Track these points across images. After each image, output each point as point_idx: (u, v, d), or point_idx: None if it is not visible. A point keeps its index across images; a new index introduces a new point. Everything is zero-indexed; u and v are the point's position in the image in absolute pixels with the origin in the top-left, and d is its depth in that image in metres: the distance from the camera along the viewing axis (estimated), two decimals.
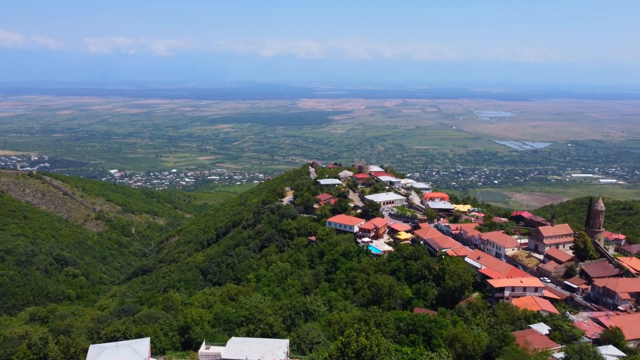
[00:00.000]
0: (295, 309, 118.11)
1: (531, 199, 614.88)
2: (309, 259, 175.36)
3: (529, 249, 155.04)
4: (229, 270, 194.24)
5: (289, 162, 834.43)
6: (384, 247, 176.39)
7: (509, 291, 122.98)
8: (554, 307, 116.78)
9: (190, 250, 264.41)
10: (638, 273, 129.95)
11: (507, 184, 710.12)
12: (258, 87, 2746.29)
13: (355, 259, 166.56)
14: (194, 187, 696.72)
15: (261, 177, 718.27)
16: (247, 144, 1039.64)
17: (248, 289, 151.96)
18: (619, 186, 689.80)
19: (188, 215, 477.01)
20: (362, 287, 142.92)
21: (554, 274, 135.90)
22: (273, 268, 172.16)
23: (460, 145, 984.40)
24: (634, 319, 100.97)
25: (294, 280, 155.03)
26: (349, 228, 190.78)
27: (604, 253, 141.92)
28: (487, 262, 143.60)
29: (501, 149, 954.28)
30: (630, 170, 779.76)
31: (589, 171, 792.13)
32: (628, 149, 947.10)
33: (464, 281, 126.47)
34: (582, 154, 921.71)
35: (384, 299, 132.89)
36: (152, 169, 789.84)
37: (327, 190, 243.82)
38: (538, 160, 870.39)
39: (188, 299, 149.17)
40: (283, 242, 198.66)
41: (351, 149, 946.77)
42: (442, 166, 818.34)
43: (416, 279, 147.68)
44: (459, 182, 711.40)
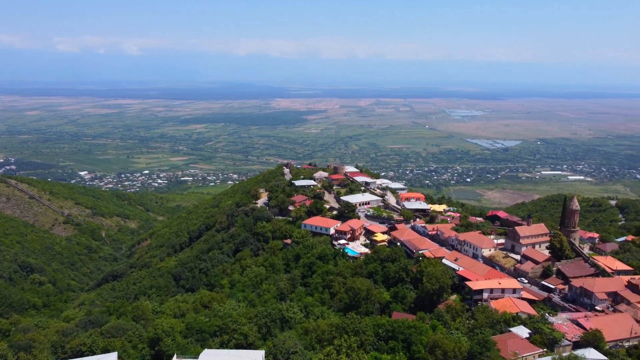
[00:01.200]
0: (270, 317, 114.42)
1: (503, 197, 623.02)
2: (284, 263, 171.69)
3: (506, 250, 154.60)
4: (202, 276, 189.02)
5: (263, 162, 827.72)
6: (360, 249, 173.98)
7: (488, 293, 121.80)
8: (532, 308, 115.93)
9: (162, 254, 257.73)
10: (614, 272, 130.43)
11: (479, 182, 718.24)
12: (232, 86, 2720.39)
13: (332, 262, 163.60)
14: (166, 189, 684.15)
15: (235, 178, 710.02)
16: (221, 144, 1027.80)
17: (222, 295, 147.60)
18: (587, 183, 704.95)
19: (160, 217, 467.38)
20: (339, 291, 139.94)
21: (531, 274, 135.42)
22: (247, 273, 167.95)
23: (433, 144, 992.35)
24: (612, 319, 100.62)
25: (269, 286, 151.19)
26: (325, 230, 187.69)
27: (580, 252, 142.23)
28: (465, 263, 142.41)
29: (473, 148, 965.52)
30: (597, 167, 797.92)
31: (558, 168, 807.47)
32: (595, 147, 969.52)
33: (442, 284, 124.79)
34: (551, 151, 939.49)
35: (362, 303, 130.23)
36: (124, 171, 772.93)
37: (302, 191, 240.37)
38: (509, 158, 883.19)
39: (159, 307, 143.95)
40: (258, 245, 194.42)
41: (325, 149, 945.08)
42: (415, 165, 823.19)
43: (394, 281, 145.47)
44: (432, 180, 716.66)
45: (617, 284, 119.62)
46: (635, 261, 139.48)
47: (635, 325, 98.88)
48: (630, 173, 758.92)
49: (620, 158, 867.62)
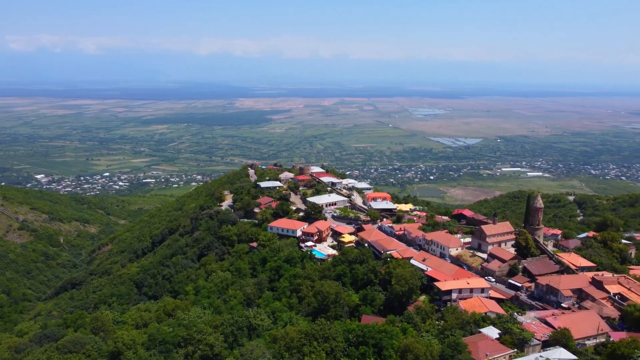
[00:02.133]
0: (237, 325, 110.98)
1: (465, 194, 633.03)
2: (250, 267, 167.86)
3: (473, 248, 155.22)
4: (165, 283, 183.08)
5: (227, 163, 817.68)
6: (328, 251, 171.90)
7: (457, 293, 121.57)
8: (500, 307, 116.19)
9: (124, 260, 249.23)
10: (578, 269, 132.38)
11: (442, 180, 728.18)
12: (194, 86, 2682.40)
13: (299, 265, 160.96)
14: (128, 191, 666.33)
15: (199, 179, 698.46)
16: (184, 145, 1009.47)
17: (186, 302, 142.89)
18: (545, 179, 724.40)
19: (122, 221, 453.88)
20: (307, 295, 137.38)
21: (498, 272, 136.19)
22: (213, 278, 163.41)
23: (396, 142, 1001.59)
24: (579, 317, 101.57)
25: (236, 291, 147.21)
26: (291, 232, 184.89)
27: (545, 250, 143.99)
28: (433, 263, 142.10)
29: (436, 146, 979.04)
30: (554, 164, 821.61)
31: (518, 165, 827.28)
32: (552, 144, 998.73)
33: (411, 285, 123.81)
34: (511, 148, 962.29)
35: (331, 307, 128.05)
36: (83, 173, 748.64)
37: (267, 193, 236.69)
38: (470, 156, 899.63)
39: (120, 317, 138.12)
40: (223, 249, 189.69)
41: (290, 148, 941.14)
42: (380, 163, 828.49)
43: (362, 283, 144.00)
44: (396, 178, 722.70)
45: (582, 281, 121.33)
46: (598, 257, 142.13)
47: (601, 322, 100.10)
48: (585, 169, 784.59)
49: (576, 154, 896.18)
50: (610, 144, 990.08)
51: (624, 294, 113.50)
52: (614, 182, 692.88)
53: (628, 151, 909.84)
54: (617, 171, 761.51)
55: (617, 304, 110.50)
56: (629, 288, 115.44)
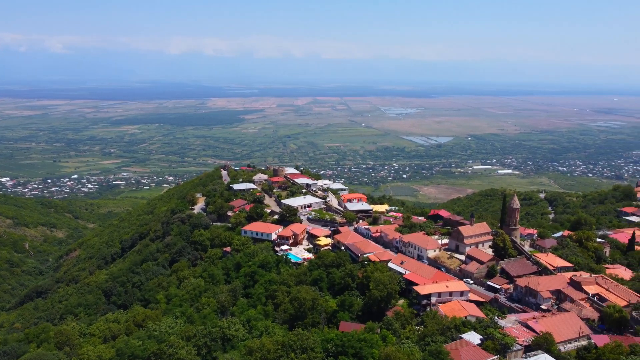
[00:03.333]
0: (210, 336, 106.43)
1: (438, 192, 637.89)
2: (224, 273, 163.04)
3: (450, 250, 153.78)
4: (135, 291, 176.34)
5: (200, 164, 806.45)
6: (303, 255, 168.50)
7: (436, 297, 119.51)
8: (480, 311, 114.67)
9: (92, 267, 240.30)
10: (555, 269, 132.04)
11: (415, 178, 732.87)
12: (165, 86, 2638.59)
13: (275, 270, 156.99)
14: (97, 194, 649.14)
15: (171, 180, 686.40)
16: (155, 145, 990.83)
17: (157, 312, 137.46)
18: (515, 176, 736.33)
19: (91, 225, 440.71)
20: (283, 302, 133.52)
21: (476, 274, 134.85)
22: (185, 285, 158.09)
23: (370, 141, 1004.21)
24: (560, 320, 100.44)
25: (209, 299, 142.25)
26: (266, 236, 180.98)
27: (522, 250, 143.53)
28: (411, 266, 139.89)
29: (408, 144, 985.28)
30: (523, 161, 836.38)
31: (488, 163, 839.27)
32: (521, 141, 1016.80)
33: (390, 290, 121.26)
34: (481, 147, 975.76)
35: (307, 313, 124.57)
36: (50, 176, 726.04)
37: (241, 195, 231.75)
38: (442, 154, 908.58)
39: (87, 329, 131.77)
40: (195, 255, 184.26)
41: (264, 148, 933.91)
42: (353, 163, 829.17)
43: (339, 288, 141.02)
44: (370, 177, 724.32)
45: (560, 282, 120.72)
46: (574, 257, 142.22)
47: (582, 324, 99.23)
48: (553, 166, 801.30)
49: (544, 152, 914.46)
50: (577, 141, 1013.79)
51: (602, 295, 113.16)
52: (580, 179, 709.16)
53: (593, 148, 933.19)
54: (583, 168, 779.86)
55: (596, 304, 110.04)
56: (606, 288, 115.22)
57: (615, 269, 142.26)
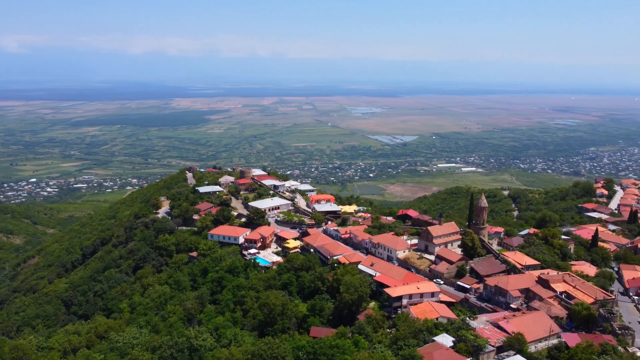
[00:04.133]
0: (177, 347, 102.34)
1: (404, 190, 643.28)
2: (191, 279, 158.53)
3: (420, 250, 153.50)
4: (97, 300, 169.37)
5: (164, 165, 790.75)
6: (272, 258, 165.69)
7: (407, 299, 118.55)
8: (451, 311, 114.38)
9: (51, 275, 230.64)
10: (523, 267, 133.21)
11: (381, 177, 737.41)
12: (128, 86, 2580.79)
13: (243, 275, 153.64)
14: (57, 198, 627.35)
15: (135, 183, 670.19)
16: (118, 147, 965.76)
17: (120, 322, 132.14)
18: (479, 174, 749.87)
19: (51, 230, 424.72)
20: (252, 308, 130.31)
21: (446, 274, 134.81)
22: (150, 293, 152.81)
23: (336, 141, 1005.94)
24: (530, 319, 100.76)
25: (175, 306, 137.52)
26: (233, 240, 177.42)
27: (491, 249, 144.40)
28: (381, 268, 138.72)
29: (374, 143, 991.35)
30: (486, 159, 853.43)
31: (452, 161, 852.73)
32: (483, 140, 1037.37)
33: (361, 293, 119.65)
34: (446, 145, 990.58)
35: (277, 319, 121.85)
36: (6, 180, 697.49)
37: (207, 198, 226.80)
38: (408, 153, 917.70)
39: (46, 343, 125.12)
40: (160, 261, 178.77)
41: (230, 149, 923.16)
42: (320, 162, 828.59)
43: (309, 291, 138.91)
44: (337, 177, 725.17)
45: (529, 281, 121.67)
46: (541, 255, 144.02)
47: (552, 323, 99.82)
48: (515, 163, 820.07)
49: (506, 149, 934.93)
50: (537, 139, 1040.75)
51: (570, 292, 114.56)
52: (541, 175, 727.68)
53: (552, 145, 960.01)
54: (543, 165, 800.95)
55: (564, 302, 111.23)
56: (574, 286, 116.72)
57: (580, 265, 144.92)
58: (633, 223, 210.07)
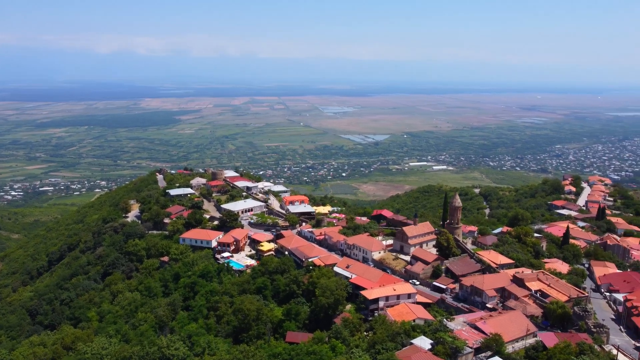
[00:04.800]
0: (148, 357, 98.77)
1: (377, 189, 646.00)
2: (162, 285, 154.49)
3: (395, 251, 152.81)
4: (64, 308, 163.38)
5: (134, 167, 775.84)
6: (246, 262, 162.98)
7: (384, 301, 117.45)
8: (428, 313, 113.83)
9: (16, 283, 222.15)
10: (498, 266, 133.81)
11: (354, 176, 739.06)
12: (95, 86, 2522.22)
13: (216, 280, 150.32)
14: (22, 202, 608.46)
15: (103, 185, 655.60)
16: (86, 149, 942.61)
17: (89, 332, 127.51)
18: (449, 172, 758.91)
19: (15, 235, 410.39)
20: (226, 313, 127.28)
21: (422, 275, 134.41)
22: (120, 300, 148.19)
23: (308, 140, 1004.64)
24: (507, 319, 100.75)
25: (146, 314, 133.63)
26: (206, 243, 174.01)
27: (465, 249, 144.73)
28: (357, 269, 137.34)
29: (347, 143, 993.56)
30: (456, 157, 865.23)
31: (424, 159, 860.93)
32: (453, 138, 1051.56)
33: (337, 296, 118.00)
34: (417, 144, 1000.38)
35: (252, 325, 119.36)
36: None
37: (178, 201, 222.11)
38: (380, 152, 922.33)
39: (9, 355, 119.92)
40: (130, 266, 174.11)
41: (201, 149, 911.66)
42: (293, 162, 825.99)
43: (285, 295, 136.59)
44: (310, 176, 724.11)
45: (504, 280, 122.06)
46: (515, 253, 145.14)
47: (529, 323, 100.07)
48: (484, 161, 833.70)
49: (475, 148, 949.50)
50: (505, 137, 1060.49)
51: (544, 291, 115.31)
52: (510, 173, 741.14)
53: (520, 143, 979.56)
54: (512, 162, 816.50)
55: (539, 301, 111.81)
56: (548, 284, 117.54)
57: (553, 263, 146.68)
58: (601, 219, 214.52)
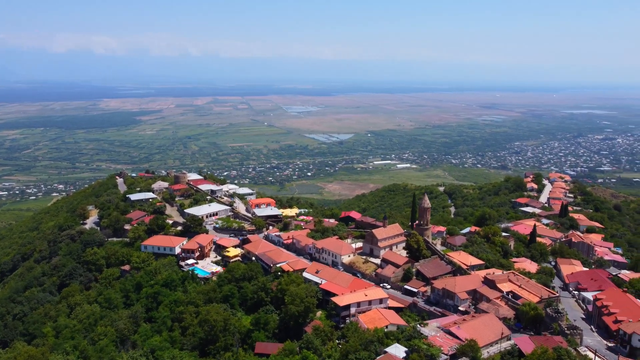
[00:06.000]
0: None
1: (342, 188, 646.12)
2: (123, 296, 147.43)
3: (365, 254, 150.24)
4: (17, 324, 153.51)
5: (94, 169, 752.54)
6: (212, 268, 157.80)
7: (355, 307, 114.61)
8: (400, 318, 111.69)
9: None
10: (468, 268, 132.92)
11: (319, 175, 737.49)
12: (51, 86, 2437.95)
13: (180, 288, 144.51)
14: None
15: (61, 189, 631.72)
16: (42, 151, 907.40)
17: (44, 349, 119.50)
18: (413, 170, 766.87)
19: None
20: (191, 324, 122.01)
21: (393, 279, 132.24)
22: (77, 313, 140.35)
23: (273, 140, 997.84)
24: (480, 323, 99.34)
25: (106, 327, 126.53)
26: (169, 250, 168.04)
27: (435, 250, 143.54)
28: (327, 274, 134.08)
29: (311, 142, 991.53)
30: (419, 155, 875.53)
31: (388, 158, 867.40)
32: (416, 136, 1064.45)
33: (307, 304, 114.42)
34: (381, 142, 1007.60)
35: (219, 336, 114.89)
36: None
37: (139, 206, 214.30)
38: (344, 151, 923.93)
39: None
40: (89, 276, 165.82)
41: (163, 150, 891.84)
42: (257, 162, 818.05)
43: (253, 303, 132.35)
44: (275, 177, 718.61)
45: (475, 282, 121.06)
46: (484, 254, 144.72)
47: (503, 326, 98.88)
48: (447, 159, 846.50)
49: (438, 146, 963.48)
50: (466, 134, 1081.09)
51: (516, 292, 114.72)
52: (471, 170, 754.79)
53: (481, 141, 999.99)
54: (473, 160, 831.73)
55: (511, 302, 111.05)
56: (519, 285, 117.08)
57: (522, 262, 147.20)
58: (564, 217, 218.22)
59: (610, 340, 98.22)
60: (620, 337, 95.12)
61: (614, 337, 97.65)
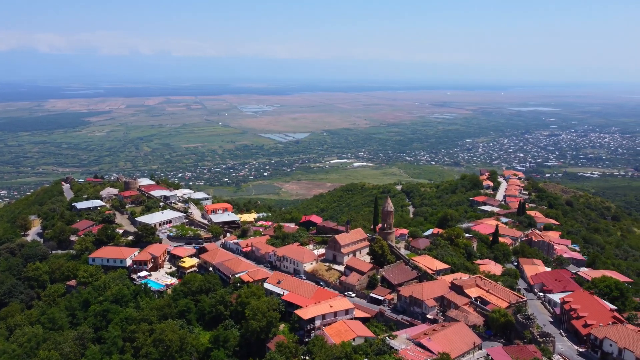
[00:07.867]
0: None
1: (299, 188, 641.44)
2: (69, 314, 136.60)
3: (328, 261, 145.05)
4: None
5: (39, 173, 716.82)
6: (166, 280, 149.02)
7: (320, 320, 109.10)
8: (367, 329, 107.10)
9: None
10: (434, 272, 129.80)
11: (276, 175, 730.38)
12: None
13: (133, 304, 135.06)
14: None
15: (4, 195, 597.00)
16: None
17: None
18: (369, 168, 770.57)
19: None
20: (145, 344, 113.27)
21: (358, 286, 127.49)
22: (17, 336, 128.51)
23: (228, 140, 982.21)
24: (451, 333, 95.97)
25: (50, 352, 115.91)
26: (119, 262, 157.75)
27: (400, 255, 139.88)
28: (289, 284, 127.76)
29: (267, 142, 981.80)
30: (375, 153, 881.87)
31: (344, 156, 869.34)
32: (371, 135, 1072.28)
33: (269, 319, 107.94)
34: (336, 141, 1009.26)
35: (175, 356, 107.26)
36: None
37: (87, 215, 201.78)
38: (300, 150, 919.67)
39: None
40: (30, 294, 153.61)
41: (114, 152, 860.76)
42: (212, 163, 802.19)
43: (211, 317, 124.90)
44: (231, 177, 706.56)
45: (442, 287, 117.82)
46: (449, 257, 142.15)
47: (475, 336, 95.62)
48: (402, 156, 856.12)
49: (392, 144, 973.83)
50: (420, 132, 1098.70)
51: (484, 297, 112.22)
52: (426, 167, 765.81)
53: (434, 138, 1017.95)
54: (427, 157, 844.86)
55: (480, 309, 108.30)
56: (487, 290, 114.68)
57: (486, 264, 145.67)
58: (522, 214, 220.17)
59: (580, 345, 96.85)
60: (591, 342, 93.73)
61: (585, 342, 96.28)
